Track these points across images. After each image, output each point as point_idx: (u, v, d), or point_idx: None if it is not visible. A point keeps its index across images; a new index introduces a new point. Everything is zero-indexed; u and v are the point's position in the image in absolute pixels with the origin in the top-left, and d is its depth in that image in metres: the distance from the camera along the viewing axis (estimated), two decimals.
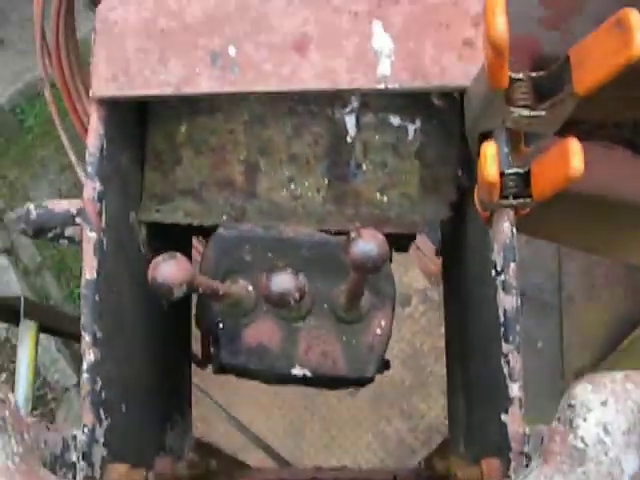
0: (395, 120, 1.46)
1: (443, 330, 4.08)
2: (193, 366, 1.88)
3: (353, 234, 1.13)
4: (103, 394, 1.24)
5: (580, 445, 0.85)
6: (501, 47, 1.03)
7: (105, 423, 1.24)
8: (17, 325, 2.17)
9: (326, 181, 1.46)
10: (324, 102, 1.46)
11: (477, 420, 1.44)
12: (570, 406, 0.87)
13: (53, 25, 1.65)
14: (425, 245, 3.48)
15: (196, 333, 1.77)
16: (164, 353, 1.62)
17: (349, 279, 1.23)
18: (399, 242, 1.60)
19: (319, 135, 1.47)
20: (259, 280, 1.22)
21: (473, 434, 1.46)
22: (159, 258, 1.14)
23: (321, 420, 3.69)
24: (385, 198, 1.46)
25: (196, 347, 1.90)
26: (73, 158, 1.86)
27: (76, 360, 3.57)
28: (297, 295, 1.19)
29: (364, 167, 1.46)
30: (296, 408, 3.67)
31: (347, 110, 1.46)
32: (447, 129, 1.46)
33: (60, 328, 2.41)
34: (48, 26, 1.78)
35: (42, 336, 3.32)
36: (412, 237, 1.62)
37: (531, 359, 3.30)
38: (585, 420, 0.86)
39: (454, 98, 1.45)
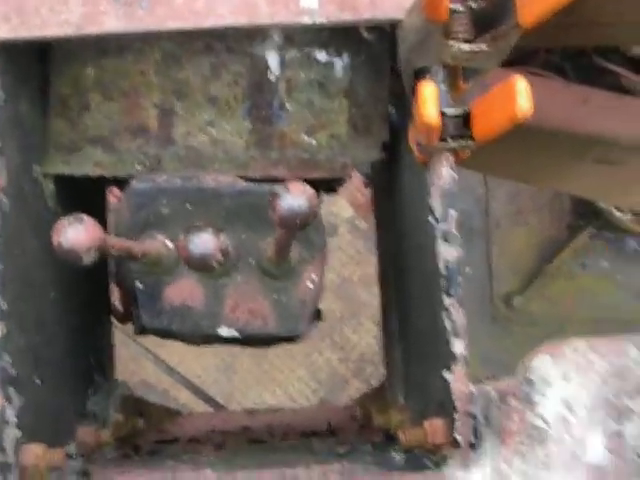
0: (321, 56, 1.35)
1: (374, 259, 4.04)
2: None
3: (279, 189, 1.02)
4: (13, 370, 1.13)
5: (540, 424, 0.78)
6: None
7: (17, 402, 1.13)
8: None
9: (248, 124, 1.35)
10: (243, 38, 1.34)
11: (417, 373, 1.36)
12: (528, 381, 0.80)
13: None
14: (356, 177, 3.39)
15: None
16: (80, 313, 1.50)
17: (276, 234, 1.13)
18: (329, 186, 1.51)
19: (239, 74, 1.35)
20: (177, 240, 1.11)
21: (413, 387, 1.39)
22: (64, 221, 1.02)
23: (252, 355, 3.62)
24: (313, 140, 1.36)
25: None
26: None
27: None
28: (219, 256, 1.08)
29: (289, 107, 1.35)
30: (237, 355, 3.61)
31: (269, 46, 1.34)
32: (377, 64, 1.36)
33: None
34: None
35: None
36: (342, 182, 1.53)
37: None
38: (545, 396, 0.78)
39: (384, 31, 1.33)
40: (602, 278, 3.71)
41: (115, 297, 1.70)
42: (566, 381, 0.77)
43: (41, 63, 1.35)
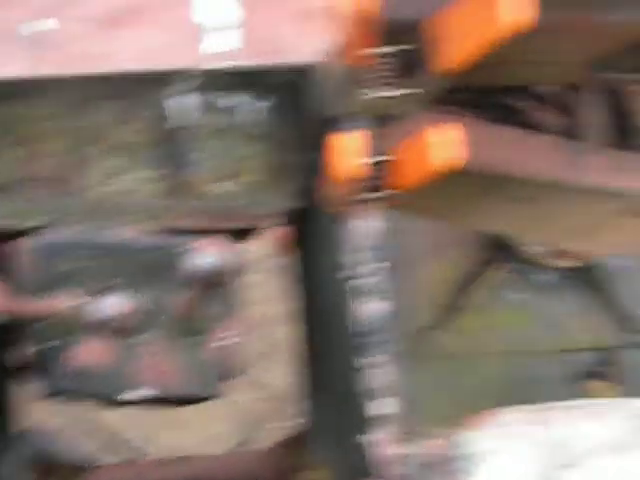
0: (234, 100, 1.30)
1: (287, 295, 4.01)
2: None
3: (188, 246, 0.97)
4: None
5: None
6: (363, 19, 0.90)
7: None
8: None
9: (159, 173, 1.29)
10: (151, 84, 1.28)
11: (336, 432, 1.32)
12: (463, 456, 0.76)
13: None
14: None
15: None
16: None
17: (187, 294, 1.07)
18: (244, 235, 1.46)
19: (149, 120, 1.29)
20: (81, 304, 1.04)
21: (332, 442, 1.33)
22: None
23: None
24: (226, 188, 1.31)
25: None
26: None
27: None
28: (125, 320, 1.01)
29: (201, 155, 1.30)
30: None
31: (178, 92, 1.29)
32: (291, 110, 1.31)
33: None
34: None
35: None
36: (259, 229, 1.48)
37: None
38: (480, 469, 0.74)
39: (299, 77, 1.30)
40: (516, 311, 3.74)
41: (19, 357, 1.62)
42: (498, 454, 0.74)
43: None
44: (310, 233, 1.40)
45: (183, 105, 1.29)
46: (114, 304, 1.00)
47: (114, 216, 1.27)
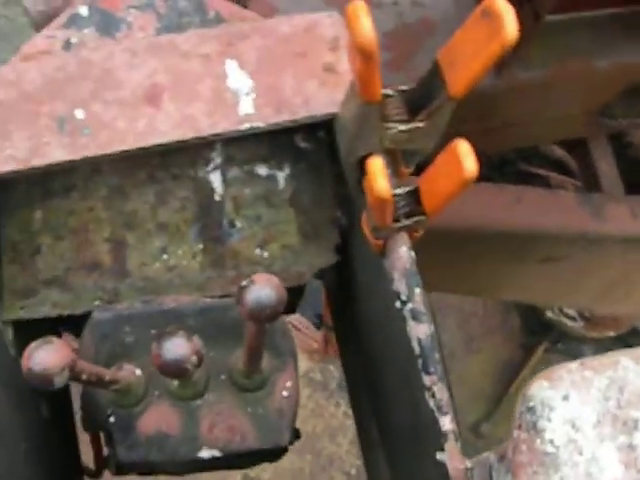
0: (262, 170, 1.38)
1: (333, 409, 3.97)
2: None
3: (245, 282, 1.02)
4: None
5: (550, 449, 0.76)
6: (370, 50, 0.96)
7: None
8: None
9: (201, 245, 1.35)
10: (185, 163, 1.36)
11: (405, 471, 1.33)
12: (529, 409, 0.78)
13: None
14: (302, 323, 3.40)
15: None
16: (53, 465, 1.44)
17: (246, 335, 1.11)
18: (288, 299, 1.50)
19: (186, 199, 1.36)
20: (149, 351, 1.08)
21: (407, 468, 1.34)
22: (32, 345, 0.99)
23: None
24: (265, 253, 1.36)
25: (86, 458, 1.72)
26: None
27: None
28: (195, 359, 1.05)
29: (238, 224, 1.37)
30: None
31: (210, 167, 1.37)
32: (318, 171, 1.39)
33: None
34: None
35: None
36: (300, 292, 1.52)
37: None
38: (550, 420, 0.76)
39: (320, 138, 1.38)
40: None
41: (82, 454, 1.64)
42: (567, 401, 0.76)
43: None
44: (348, 286, 1.44)
45: (216, 180, 1.36)
46: (180, 344, 1.04)
47: (162, 293, 1.33)
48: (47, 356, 0.98)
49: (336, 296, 1.63)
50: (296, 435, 1.39)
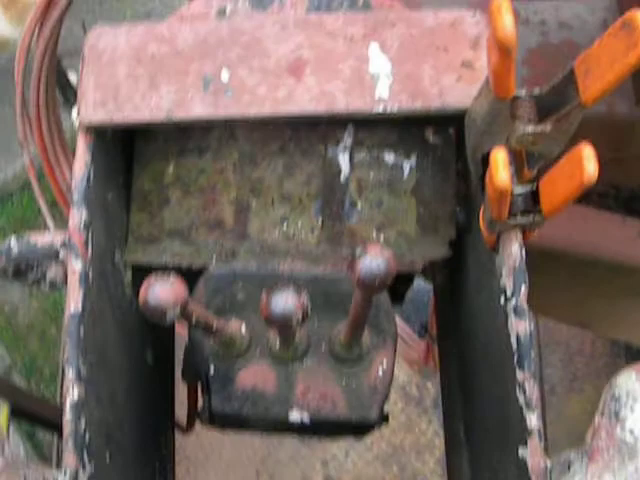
0: (390, 157, 1.42)
1: (424, 426, 3.97)
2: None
3: (359, 250, 1.06)
4: (87, 436, 1.14)
5: (629, 438, 0.77)
6: (509, 47, 0.99)
7: (88, 469, 1.13)
8: None
9: (320, 220, 1.41)
10: (316, 140, 1.42)
11: (487, 470, 1.34)
12: (614, 397, 0.80)
13: (34, 92, 1.61)
14: (405, 332, 3.41)
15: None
16: (148, 410, 1.52)
17: (353, 303, 1.15)
18: (396, 286, 1.54)
19: (312, 174, 1.42)
20: (257, 311, 1.13)
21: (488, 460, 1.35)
22: (152, 278, 1.06)
23: None
24: (382, 237, 1.40)
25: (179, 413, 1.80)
26: (52, 226, 1.78)
27: (44, 462, 3.41)
28: (300, 314, 1.10)
29: (359, 206, 1.41)
30: None
31: (340, 147, 1.42)
32: (443, 166, 1.42)
33: (33, 412, 2.28)
34: (28, 93, 1.75)
35: (12, 442, 3.15)
36: (409, 282, 1.55)
37: None
38: (632, 411, 0.78)
39: (449, 134, 1.41)
40: None
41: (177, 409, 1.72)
42: None
43: (127, 162, 1.43)
44: (456, 282, 1.46)
45: (344, 160, 1.41)
46: (289, 298, 1.09)
47: (277, 259, 1.38)
48: (164, 290, 1.04)
49: (445, 296, 1.66)
50: (385, 418, 1.42)
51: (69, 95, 4.68)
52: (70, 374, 1.14)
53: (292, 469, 3.45)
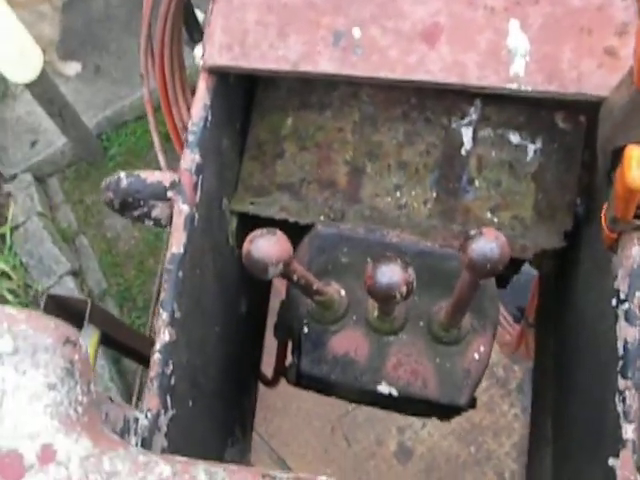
0: (515, 138, 1.37)
1: (506, 408, 3.90)
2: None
3: (473, 232, 1.02)
4: (172, 380, 1.14)
5: None
6: None
7: (170, 413, 1.13)
8: (80, 329, 2.07)
9: (434, 193, 1.37)
10: (441, 111, 1.37)
11: (571, 471, 1.30)
12: None
13: (160, 27, 1.60)
14: (501, 313, 3.34)
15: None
16: (235, 359, 1.51)
17: (459, 284, 1.11)
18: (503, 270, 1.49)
19: (432, 145, 1.37)
20: (362, 279, 1.10)
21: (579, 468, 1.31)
22: (257, 232, 1.04)
23: None
24: (496, 218, 1.36)
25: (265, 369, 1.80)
26: (162, 161, 1.78)
27: (128, 394, 3.47)
28: (404, 289, 1.06)
29: (477, 183, 1.37)
30: (345, 470, 3.52)
31: (465, 122, 1.37)
32: (569, 154, 1.36)
33: (122, 341, 2.31)
34: (155, 27, 1.75)
35: (97, 365, 3.22)
36: (517, 267, 1.50)
37: None
38: None
39: (580, 122, 1.35)
40: None
41: (265, 362, 1.71)
42: None
43: (246, 110, 1.41)
44: (566, 277, 1.41)
45: (467, 135, 1.37)
46: (395, 271, 1.05)
47: (386, 227, 1.35)
48: (268, 245, 1.02)
49: (550, 286, 1.60)
50: (473, 404, 1.38)
51: (195, 33, 4.70)
52: (164, 316, 1.13)
53: (367, 431, 3.44)
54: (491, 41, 1.20)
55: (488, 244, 1.00)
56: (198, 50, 4.78)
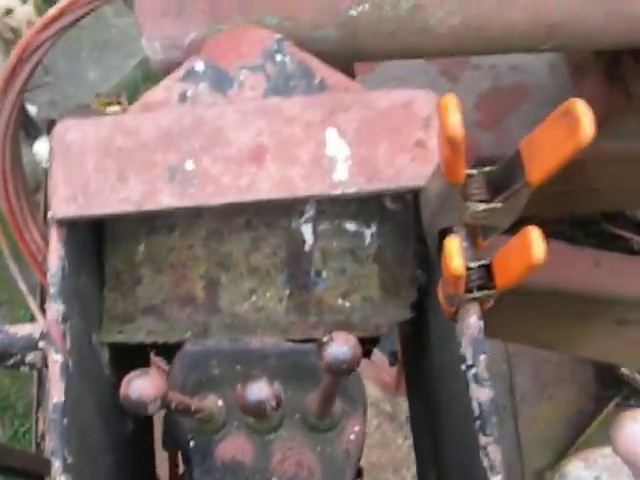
0: (351, 226, 1.48)
1: (400, 441, 4.03)
2: None
3: (325, 338, 1.12)
4: None
5: None
6: (457, 143, 1.05)
7: None
8: None
9: (287, 291, 1.46)
10: (280, 213, 1.47)
11: None
12: None
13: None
14: (377, 356, 3.48)
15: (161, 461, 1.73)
16: (131, 477, 1.57)
17: (322, 384, 1.22)
18: (363, 347, 1.60)
19: (277, 246, 1.47)
20: (234, 391, 1.20)
21: None
22: (131, 374, 1.11)
23: None
24: (347, 303, 1.46)
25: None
26: (24, 288, 1.82)
27: None
28: (274, 402, 1.16)
29: (324, 274, 1.47)
30: None
31: (303, 219, 1.47)
32: (403, 231, 1.48)
33: (11, 465, 2.30)
34: None
35: None
36: (375, 341, 1.62)
37: None
38: None
39: (407, 200, 1.47)
40: None
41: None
42: None
43: (97, 243, 1.48)
44: (421, 341, 1.53)
45: (307, 231, 1.47)
46: (262, 388, 1.15)
47: (248, 331, 1.44)
48: (144, 386, 1.10)
49: (409, 344, 1.72)
50: (358, 474, 1.48)
51: (29, 128, 4.69)
52: (56, 464, 1.18)
53: None
54: (312, 153, 1.32)
55: (340, 348, 1.10)
56: (37, 146, 4.74)
